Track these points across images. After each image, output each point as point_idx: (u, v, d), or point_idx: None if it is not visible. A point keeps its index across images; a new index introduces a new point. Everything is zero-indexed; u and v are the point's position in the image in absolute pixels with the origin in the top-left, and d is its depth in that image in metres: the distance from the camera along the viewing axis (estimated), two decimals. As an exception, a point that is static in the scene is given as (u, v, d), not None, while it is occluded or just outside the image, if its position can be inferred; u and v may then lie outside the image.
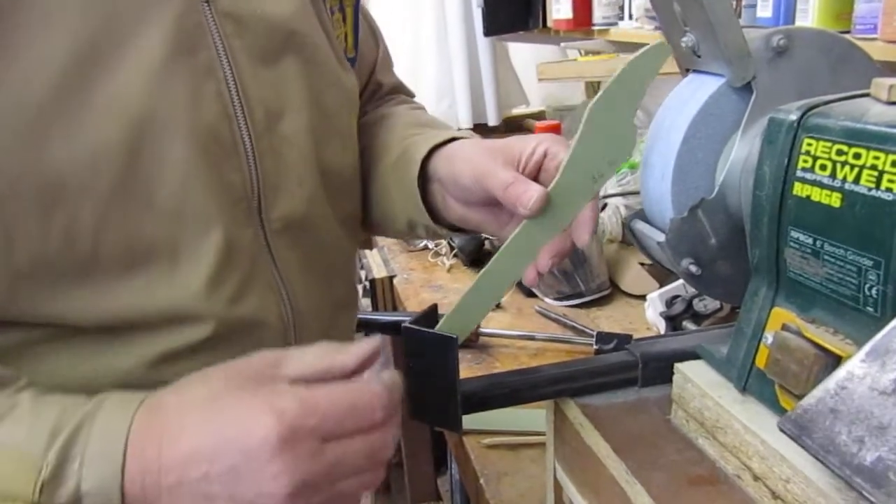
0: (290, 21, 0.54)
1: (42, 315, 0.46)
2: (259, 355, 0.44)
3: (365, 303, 1.39)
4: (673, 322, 0.93)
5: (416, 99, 0.82)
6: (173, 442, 0.39)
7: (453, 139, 0.60)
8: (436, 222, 0.62)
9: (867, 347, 0.32)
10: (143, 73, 0.45)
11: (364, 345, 0.44)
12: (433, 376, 0.50)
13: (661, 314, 0.95)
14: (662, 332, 0.95)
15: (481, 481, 0.74)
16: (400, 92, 0.80)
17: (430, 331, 0.49)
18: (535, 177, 0.53)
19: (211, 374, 0.43)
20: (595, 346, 0.94)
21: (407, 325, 0.49)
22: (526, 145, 0.54)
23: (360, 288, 1.55)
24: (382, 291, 1.36)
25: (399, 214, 0.64)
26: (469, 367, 0.95)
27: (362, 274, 1.46)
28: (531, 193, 0.49)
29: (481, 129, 2.01)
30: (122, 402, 0.41)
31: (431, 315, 0.51)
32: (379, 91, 0.77)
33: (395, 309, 1.34)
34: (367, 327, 1.13)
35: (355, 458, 0.41)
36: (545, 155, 0.54)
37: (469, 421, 0.50)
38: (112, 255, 0.46)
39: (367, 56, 0.73)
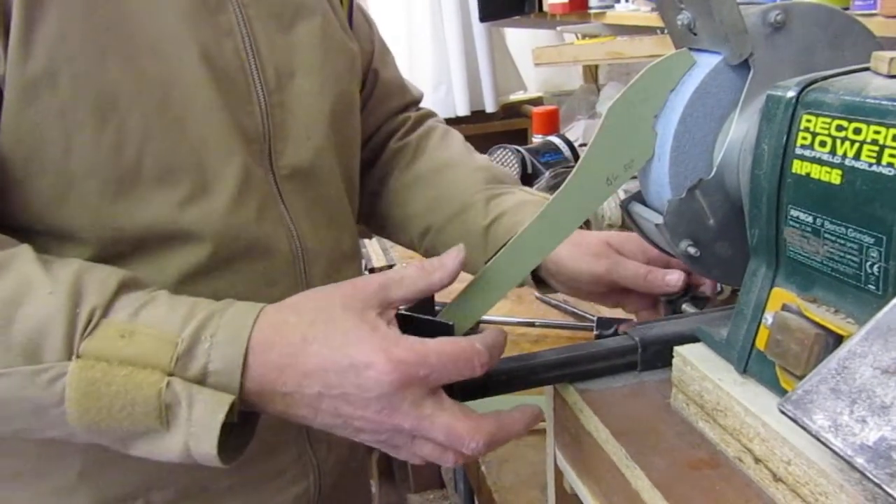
0: None
1: (82, 226, 0.51)
2: (364, 280, 0.48)
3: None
4: (673, 305, 0.92)
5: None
6: (295, 360, 0.44)
7: None
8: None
9: (869, 326, 0.31)
10: (175, 22, 0.53)
11: (452, 258, 0.48)
12: (430, 364, 0.49)
13: (661, 297, 0.94)
14: (661, 315, 0.94)
15: (482, 468, 0.74)
16: (407, 95, 0.83)
17: (427, 318, 0.49)
18: None
19: (328, 294, 0.47)
20: (595, 332, 0.93)
21: (402, 311, 0.49)
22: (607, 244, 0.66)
23: (359, 277, 1.55)
24: (382, 280, 1.35)
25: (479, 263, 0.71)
26: (469, 355, 0.94)
27: (361, 263, 1.45)
28: (675, 276, 0.61)
29: (479, 116, 2.00)
30: (246, 306, 0.47)
31: (427, 303, 0.51)
32: (377, 83, 0.79)
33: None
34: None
35: (438, 428, 0.44)
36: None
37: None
38: (152, 167, 0.52)
39: (363, 46, 0.75)
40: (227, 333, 0.44)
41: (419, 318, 0.49)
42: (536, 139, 1.51)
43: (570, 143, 1.42)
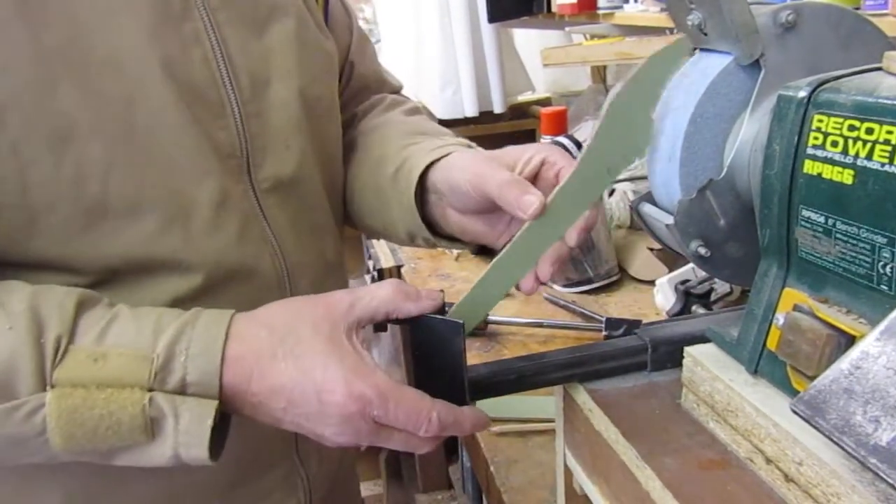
0: None
1: (54, 258, 0.49)
2: (336, 299, 0.49)
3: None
4: (689, 298, 0.92)
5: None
6: (264, 375, 0.46)
7: (450, 153, 0.61)
8: (434, 234, 0.63)
9: (882, 326, 0.31)
10: (135, 35, 0.49)
11: (432, 298, 0.49)
12: (440, 363, 0.49)
13: (678, 287, 0.93)
14: (671, 304, 0.94)
15: (491, 469, 0.74)
16: (384, 87, 0.80)
17: (437, 317, 0.49)
18: (533, 184, 0.53)
19: (298, 310, 0.48)
20: (604, 333, 0.93)
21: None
22: (523, 152, 0.55)
23: (367, 278, 1.55)
24: (390, 281, 1.36)
25: (399, 225, 0.65)
26: (478, 355, 0.95)
27: (370, 264, 1.45)
28: (531, 199, 0.49)
29: (487, 117, 2.00)
30: (215, 315, 0.47)
31: (438, 302, 0.51)
32: (353, 75, 0.76)
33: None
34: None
35: (395, 443, 0.48)
36: (542, 163, 0.54)
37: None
38: (118, 200, 0.49)
39: (341, 38, 0.73)
40: (201, 345, 0.45)
41: (430, 317, 0.49)
42: (545, 140, 1.51)
43: (578, 144, 1.41)
